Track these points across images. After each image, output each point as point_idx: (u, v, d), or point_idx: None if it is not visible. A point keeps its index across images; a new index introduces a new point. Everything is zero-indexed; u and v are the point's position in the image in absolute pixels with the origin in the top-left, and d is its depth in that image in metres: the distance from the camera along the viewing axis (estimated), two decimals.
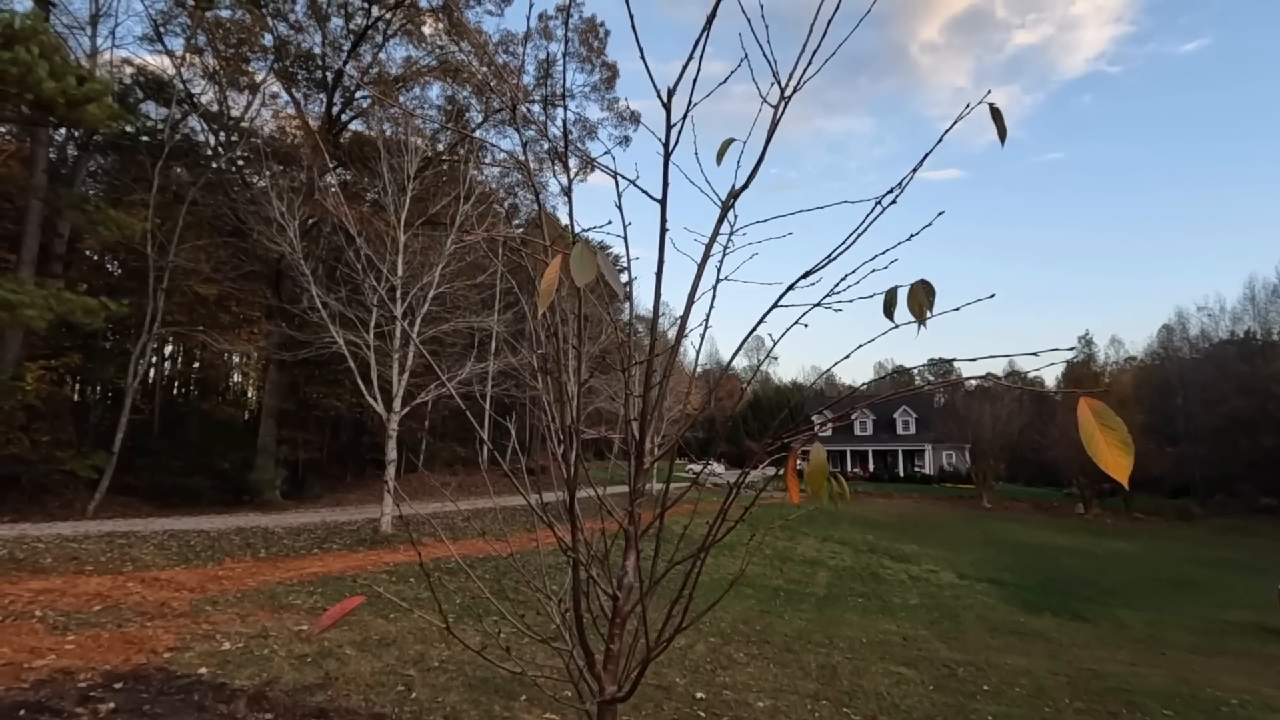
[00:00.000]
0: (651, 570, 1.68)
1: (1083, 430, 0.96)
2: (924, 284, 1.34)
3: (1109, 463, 0.94)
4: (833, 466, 2.37)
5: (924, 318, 1.33)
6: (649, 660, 1.63)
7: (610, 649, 1.65)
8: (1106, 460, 0.94)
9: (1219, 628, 16.90)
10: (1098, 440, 0.94)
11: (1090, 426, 0.95)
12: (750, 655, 9.13)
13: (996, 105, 1.59)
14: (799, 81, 1.62)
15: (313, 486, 29.31)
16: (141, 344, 20.67)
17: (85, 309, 14.85)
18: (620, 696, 1.65)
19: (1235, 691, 9.65)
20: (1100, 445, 0.94)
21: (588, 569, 1.68)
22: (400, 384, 14.94)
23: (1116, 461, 0.93)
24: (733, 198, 1.68)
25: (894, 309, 1.36)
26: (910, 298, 1.35)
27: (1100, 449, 0.94)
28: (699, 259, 1.70)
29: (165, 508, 21.32)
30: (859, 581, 18.33)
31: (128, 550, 11.00)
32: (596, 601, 1.71)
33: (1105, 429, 0.95)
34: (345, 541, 14.14)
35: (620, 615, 1.63)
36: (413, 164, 15.70)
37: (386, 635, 7.71)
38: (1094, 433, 0.95)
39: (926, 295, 1.33)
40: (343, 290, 15.06)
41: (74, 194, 19.51)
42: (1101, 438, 0.94)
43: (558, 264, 1.10)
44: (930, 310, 1.32)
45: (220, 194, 23.68)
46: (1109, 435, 0.94)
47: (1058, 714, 7.79)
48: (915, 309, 1.34)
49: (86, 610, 7.34)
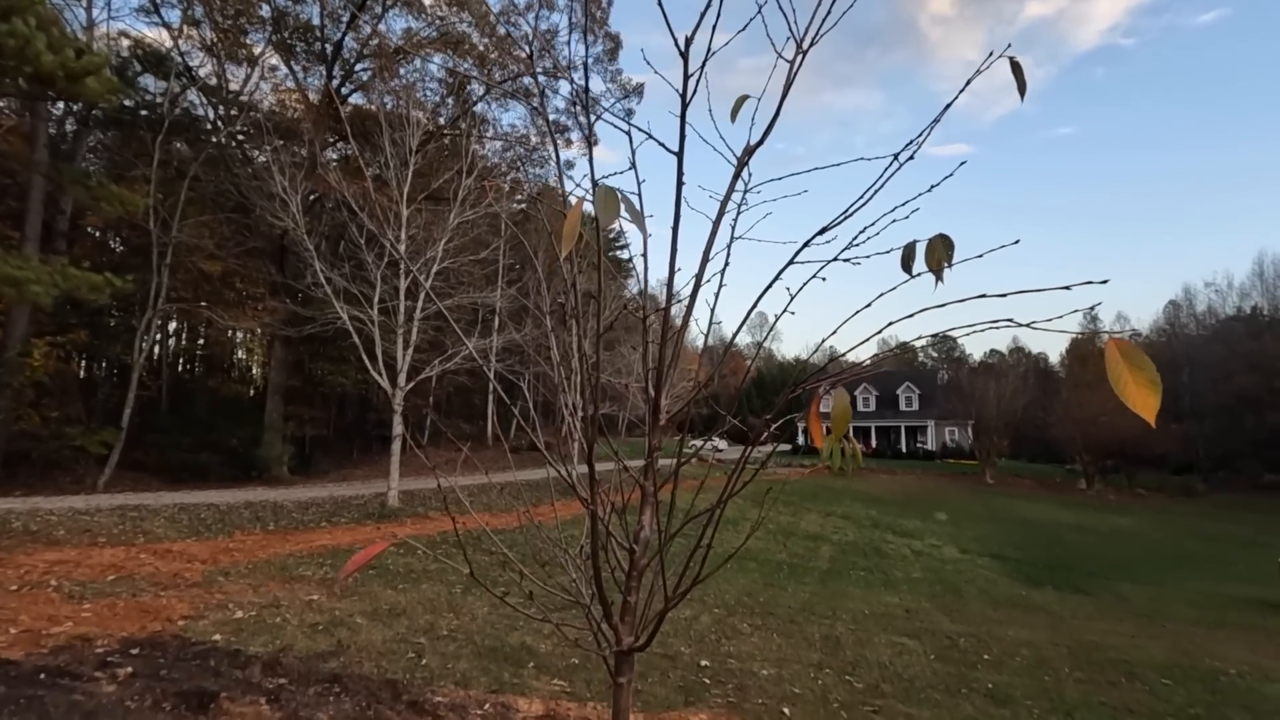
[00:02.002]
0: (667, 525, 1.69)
1: (1110, 371, 0.94)
2: (943, 238, 1.33)
3: (1137, 402, 0.93)
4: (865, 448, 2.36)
5: (941, 272, 1.32)
6: (665, 611, 1.65)
7: (628, 601, 1.67)
8: (1135, 399, 0.93)
9: (1220, 601, 17.03)
10: (1126, 380, 0.93)
11: (1119, 366, 0.94)
12: (755, 626, 9.25)
13: (1017, 60, 1.56)
14: (816, 35, 1.59)
15: (320, 462, 29.58)
16: (147, 320, 20.73)
17: (91, 285, 14.84)
18: (638, 646, 1.67)
19: (1234, 662, 9.75)
20: (1129, 385, 0.93)
21: (605, 523, 1.69)
22: (405, 359, 14.97)
23: (1145, 401, 0.93)
24: (748, 154, 1.66)
25: (912, 262, 1.35)
26: (929, 252, 1.33)
27: (1129, 388, 0.93)
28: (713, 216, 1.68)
29: (174, 483, 21.55)
30: (862, 556, 18.48)
31: (139, 523, 11.14)
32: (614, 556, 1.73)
33: (1134, 369, 0.93)
34: (353, 515, 14.28)
35: (637, 569, 1.65)
36: (415, 138, 15.55)
37: (396, 605, 7.82)
38: (1122, 373, 0.94)
39: (945, 249, 1.32)
40: (346, 266, 15.02)
41: (76, 170, 19.41)
42: (1130, 377, 0.93)
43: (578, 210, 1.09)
44: (949, 264, 1.31)
45: (222, 169, 23.55)
46: (1137, 375, 0.93)
47: (1058, 683, 7.89)
48: (934, 263, 1.32)
49: (101, 580, 7.46)
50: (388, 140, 15.49)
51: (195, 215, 22.21)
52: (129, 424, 21.13)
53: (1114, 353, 0.95)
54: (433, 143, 19.04)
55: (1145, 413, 0.92)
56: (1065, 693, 7.58)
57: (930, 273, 1.34)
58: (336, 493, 18.06)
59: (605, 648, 1.68)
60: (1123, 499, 40.47)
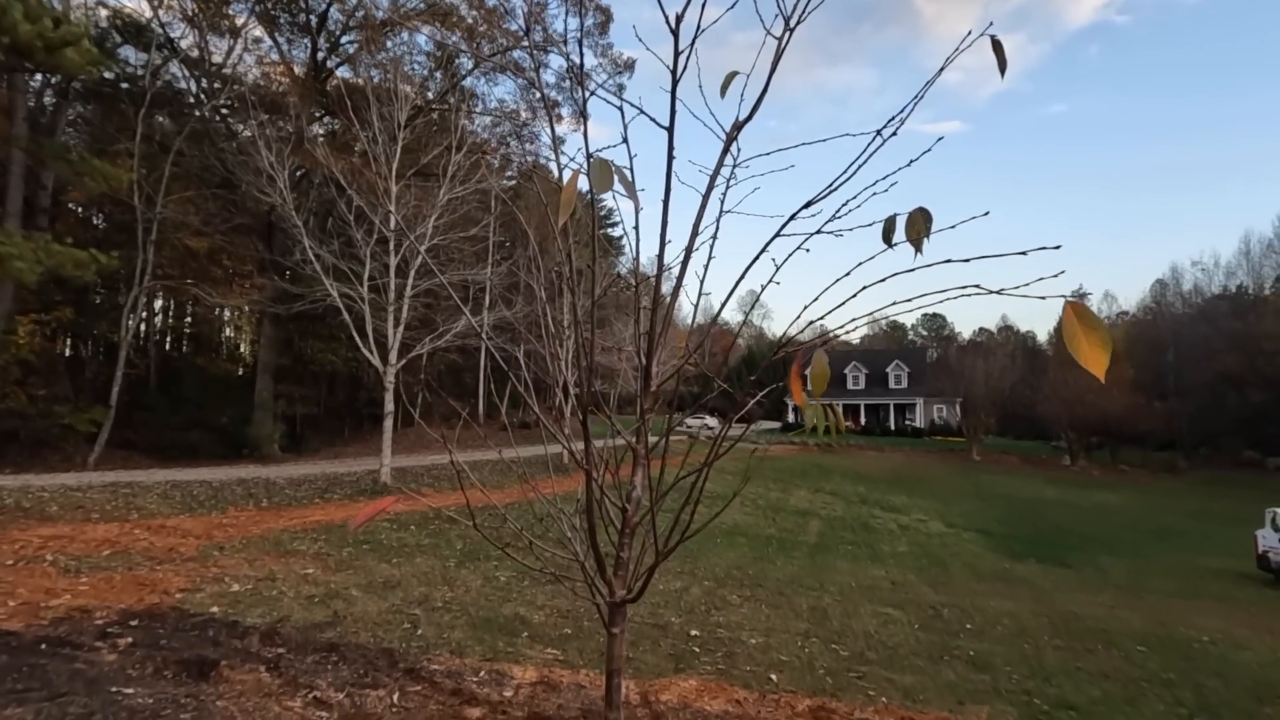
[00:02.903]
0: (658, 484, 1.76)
1: (1065, 330, 1.01)
2: (922, 211, 1.38)
3: (1088, 358, 0.99)
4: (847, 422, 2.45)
5: (920, 243, 1.38)
6: (656, 565, 1.73)
7: (620, 557, 1.74)
8: (1086, 356, 0.99)
9: (1198, 574, 17.48)
10: (1079, 339, 1.00)
11: (1072, 325, 1.01)
12: (743, 598, 9.44)
13: (998, 38, 1.60)
14: (803, 13, 1.62)
15: (311, 441, 29.57)
16: (133, 297, 20.52)
17: (75, 262, 14.69)
18: (630, 598, 1.75)
19: (1209, 631, 10.06)
20: (1081, 343, 0.99)
21: (599, 483, 1.76)
22: (396, 337, 14.95)
23: (1095, 358, 0.99)
24: (736, 129, 1.70)
25: (892, 234, 1.40)
26: (909, 225, 1.39)
27: (1081, 347, 0.99)
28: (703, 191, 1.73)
29: (165, 461, 21.50)
30: (850, 531, 18.78)
31: (132, 499, 11.17)
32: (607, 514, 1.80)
33: (1087, 328, 1.00)
34: (346, 492, 14.36)
35: (629, 526, 1.72)
36: (403, 112, 15.35)
37: (391, 579, 7.93)
38: (1075, 332, 1.00)
39: (924, 222, 1.37)
40: (335, 243, 14.91)
41: (57, 144, 19.06)
42: (1083, 336, 0.99)
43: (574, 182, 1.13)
44: (928, 236, 1.36)
45: (206, 144, 23.16)
46: (1090, 334, 0.99)
47: (1037, 651, 8.13)
48: (913, 235, 1.38)
49: (96, 555, 7.51)
50: (375, 115, 15.29)
51: (180, 191, 21.89)
52: (118, 402, 21.01)
53: (1069, 313, 1.01)
54: (421, 118, 18.79)
55: (1095, 368, 0.99)
56: (1044, 659, 7.81)
57: (910, 244, 1.39)
58: (329, 470, 18.11)
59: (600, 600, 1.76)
60: (1106, 475, 41.16)
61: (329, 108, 25.47)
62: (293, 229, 14.64)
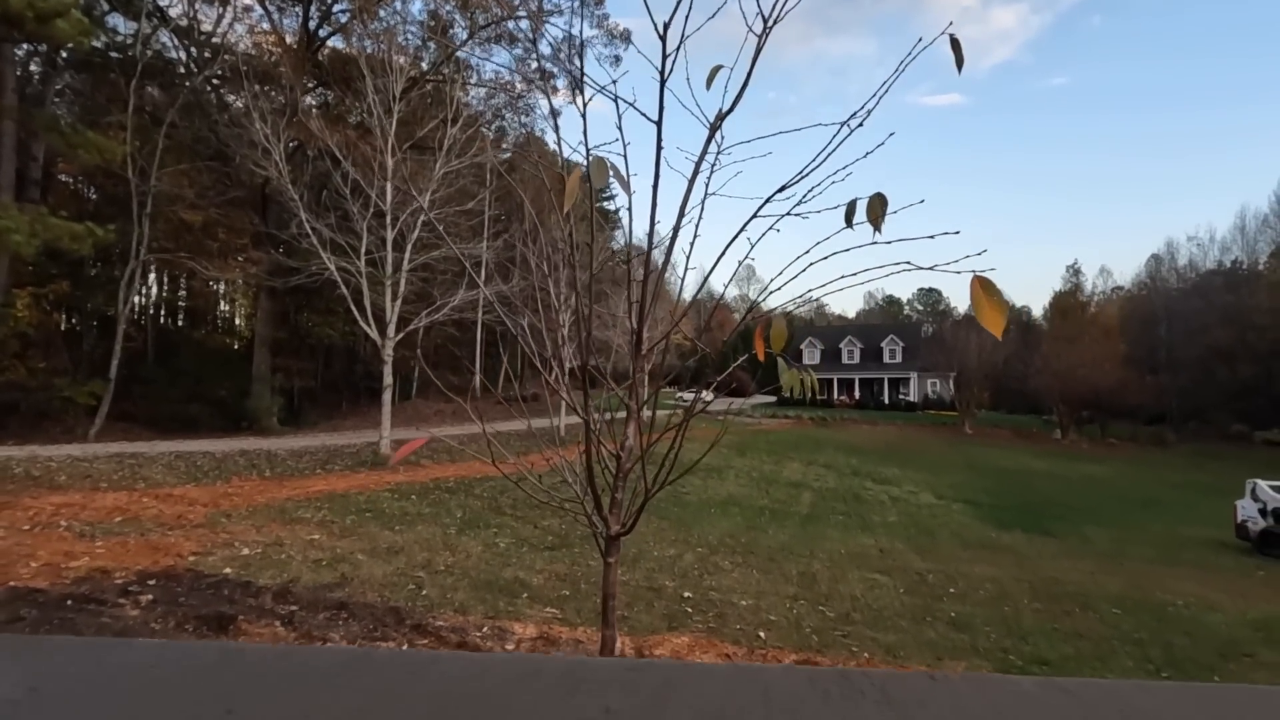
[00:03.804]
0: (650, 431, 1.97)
1: (972, 299, 1.21)
2: (879, 196, 1.56)
3: (989, 320, 1.20)
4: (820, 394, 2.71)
5: (879, 224, 1.56)
6: (645, 502, 1.95)
7: (615, 497, 1.96)
8: (987, 318, 1.20)
9: (1178, 542, 17.97)
10: (983, 306, 1.19)
11: (978, 295, 1.21)
12: (735, 564, 9.77)
13: (956, 37, 1.77)
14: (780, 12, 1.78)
15: (309, 414, 29.76)
16: (130, 271, 20.53)
17: (72, 235, 14.70)
18: (623, 532, 1.97)
19: (1183, 595, 10.46)
20: (985, 309, 1.19)
21: (597, 432, 1.97)
22: (394, 310, 15.08)
23: (994, 321, 1.19)
24: (719, 119, 1.87)
25: (853, 216, 1.58)
26: (868, 208, 1.57)
27: (984, 312, 1.19)
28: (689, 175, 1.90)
29: (164, 433, 21.69)
30: (841, 502, 19.18)
31: (138, 469, 11.40)
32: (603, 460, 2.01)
33: (990, 298, 1.20)
34: (346, 463, 14.62)
35: (622, 471, 1.94)
36: (398, 84, 15.27)
37: (394, 545, 8.20)
38: (981, 300, 1.20)
39: (881, 206, 1.55)
40: (332, 216, 14.94)
41: (48, 115, 18.89)
42: (986, 304, 1.19)
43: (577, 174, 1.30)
44: (883, 217, 1.55)
45: (198, 116, 22.93)
46: (992, 302, 1.19)
47: (1016, 613, 8.49)
48: (872, 217, 1.56)
49: (109, 521, 7.75)
50: (371, 87, 15.21)
51: (173, 163, 21.75)
52: (116, 375, 21.14)
53: (976, 286, 1.21)
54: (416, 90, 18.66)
55: (994, 329, 1.19)
56: (1022, 620, 8.17)
57: (870, 224, 1.57)
58: (328, 442, 18.35)
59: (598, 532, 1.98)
60: (1095, 449, 41.78)
61: (321, 79, 25.18)
62: (289, 202, 14.64)
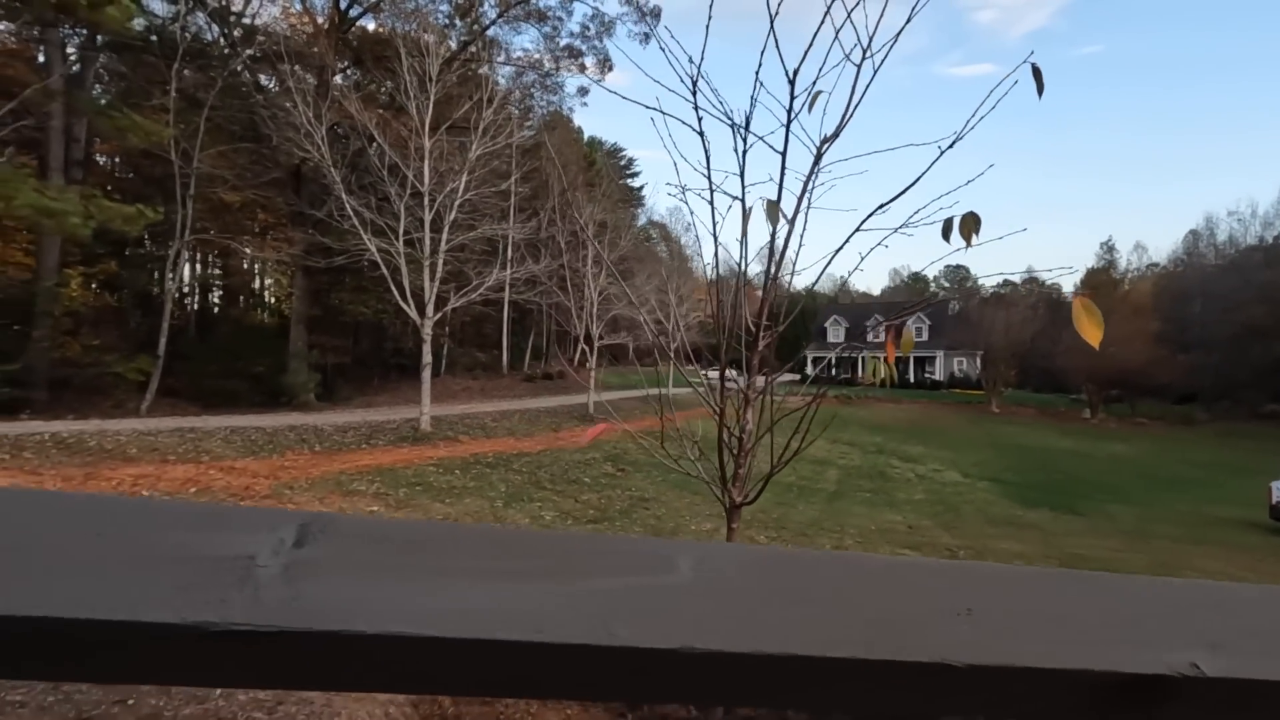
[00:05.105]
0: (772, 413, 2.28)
1: (1075, 316, 1.48)
2: (972, 215, 1.82)
3: (1088, 334, 1.47)
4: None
5: (971, 239, 1.82)
6: (769, 477, 2.27)
7: (739, 472, 2.27)
8: (1087, 332, 1.47)
9: (1205, 521, 17.98)
10: (1084, 322, 1.46)
11: (1080, 313, 1.48)
12: (769, 537, 10.13)
13: (1038, 65, 2.00)
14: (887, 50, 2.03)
15: (342, 389, 30.55)
16: (175, 251, 21.17)
17: (124, 216, 15.25)
18: (747, 502, 2.29)
19: (1208, 572, 10.63)
20: (1085, 325, 1.46)
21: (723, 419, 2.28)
22: (432, 290, 15.48)
23: (1093, 334, 1.46)
24: (825, 143, 2.13)
25: (950, 233, 1.85)
26: (962, 225, 1.83)
27: (1085, 327, 1.46)
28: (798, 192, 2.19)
29: (208, 408, 22.52)
30: (867, 479, 19.44)
31: (198, 443, 12.01)
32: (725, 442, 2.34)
33: (1090, 316, 1.47)
34: (389, 438, 15.17)
35: (744, 449, 2.25)
36: (434, 65, 15.49)
37: (447, 515, 8.67)
38: (1082, 317, 1.47)
39: (974, 224, 1.81)
40: (372, 198, 15.31)
41: (93, 99, 19.42)
42: (1086, 321, 1.46)
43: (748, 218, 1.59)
44: (977, 234, 1.81)
45: (233, 97, 23.34)
46: (1092, 319, 1.46)
47: None
48: (965, 233, 1.82)
49: (184, 491, 8.29)
50: (406, 68, 15.43)
51: (213, 145, 22.25)
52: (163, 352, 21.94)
53: (1078, 306, 1.49)
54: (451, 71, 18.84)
55: (1092, 342, 1.46)
56: None
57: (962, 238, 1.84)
58: (367, 418, 18.95)
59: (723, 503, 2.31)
60: (1124, 427, 41.38)
61: (353, 59, 25.41)
62: (333, 185, 15.02)
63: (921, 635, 0.46)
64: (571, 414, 22.33)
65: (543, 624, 0.41)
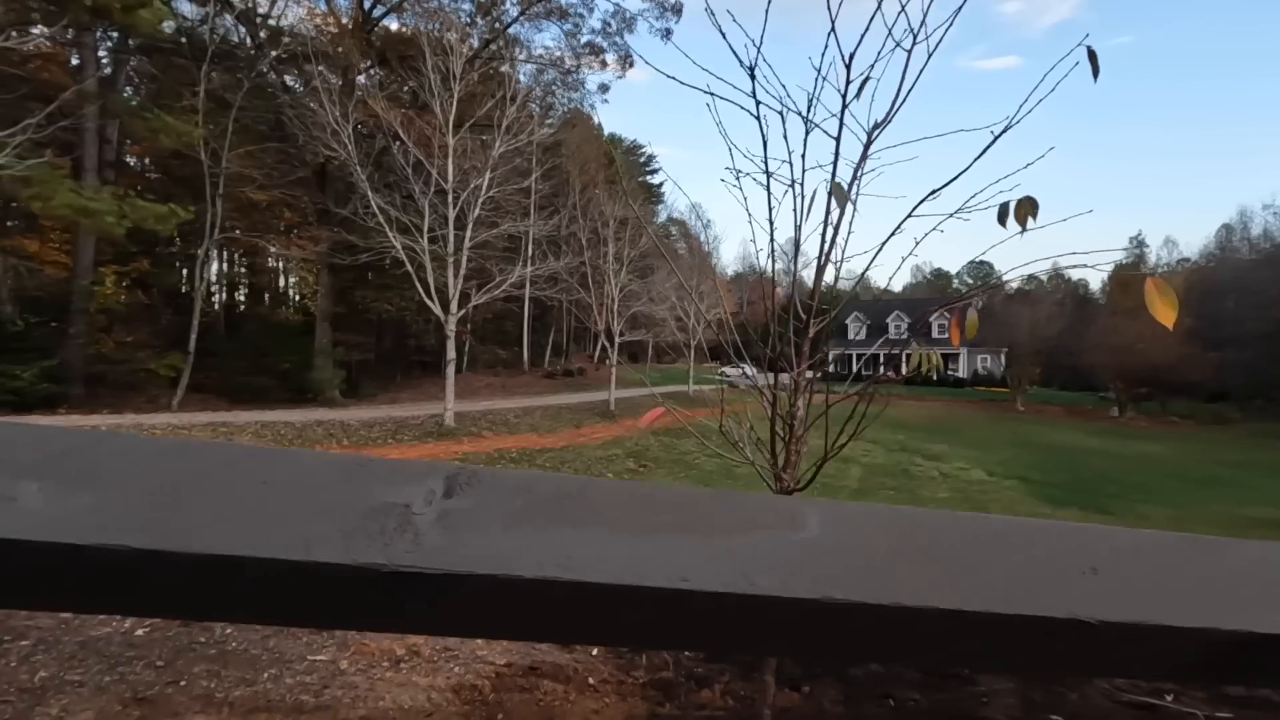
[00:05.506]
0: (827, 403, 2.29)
1: (1147, 297, 1.44)
2: (1029, 199, 1.80)
3: (1161, 314, 1.43)
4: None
5: (1026, 224, 1.81)
6: (822, 464, 2.29)
7: (790, 459, 2.29)
8: (1160, 313, 1.43)
9: (1238, 522, 17.56)
10: (1157, 303, 1.43)
11: (1153, 293, 1.44)
12: None
13: (1093, 49, 1.98)
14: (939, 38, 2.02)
15: (366, 386, 30.94)
16: (204, 249, 21.58)
17: (157, 216, 15.58)
18: (799, 488, 2.31)
19: None
20: (1159, 305, 1.42)
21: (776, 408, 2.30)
22: (456, 287, 15.62)
23: (1167, 314, 1.43)
24: (878, 128, 2.13)
25: (1006, 218, 1.83)
26: (1018, 209, 1.81)
27: (1158, 308, 1.42)
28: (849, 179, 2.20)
29: (236, 404, 22.96)
30: (890, 477, 19.27)
31: (231, 438, 12.24)
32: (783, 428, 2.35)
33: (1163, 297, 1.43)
34: (414, 434, 15.35)
35: (795, 437, 2.27)
36: (458, 64, 15.61)
37: None
38: (1155, 298, 1.43)
39: (1031, 208, 1.80)
40: (397, 196, 15.48)
41: (125, 101, 19.84)
42: (1159, 301, 1.43)
43: None
44: (1034, 218, 1.79)
45: (260, 98, 23.71)
46: (1165, 300, 1.42)
47: None
48: (1020, 218, 1.80)
49: None
50: (430, 67, 15.57)
51: (241, 145, 22.65)
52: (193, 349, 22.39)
53: (1150, 287, 1.45)
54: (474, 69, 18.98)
55: (1166, 323, 1.43)
56: None
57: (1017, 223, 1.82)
58: (392, 414, 19.19)
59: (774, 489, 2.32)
60: (1153, 426, 40.52)
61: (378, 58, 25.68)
62: (360, 184, 15.21)
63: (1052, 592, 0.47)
64: (593, 410, 22.41)
65: (687, 573, 0.43)
